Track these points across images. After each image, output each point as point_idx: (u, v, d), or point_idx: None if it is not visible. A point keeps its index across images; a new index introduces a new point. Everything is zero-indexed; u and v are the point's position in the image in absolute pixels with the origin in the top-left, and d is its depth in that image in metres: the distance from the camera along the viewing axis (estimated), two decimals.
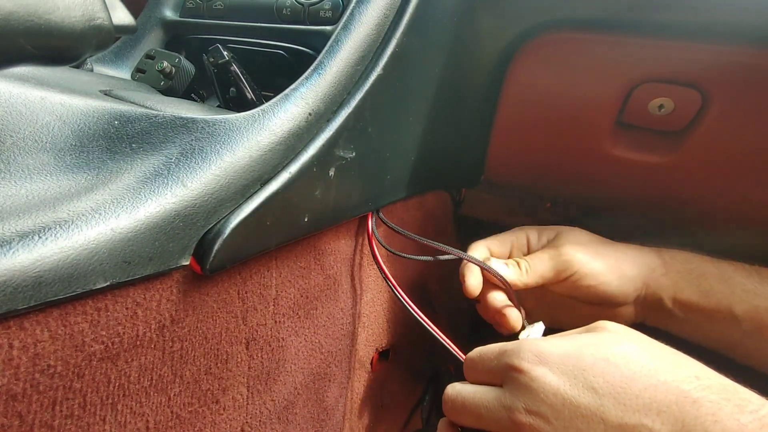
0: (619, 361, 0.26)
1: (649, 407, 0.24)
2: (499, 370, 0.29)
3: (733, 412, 0.23)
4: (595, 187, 0.46)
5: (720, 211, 0.41)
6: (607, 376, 0.25)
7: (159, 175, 0.24)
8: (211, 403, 0.30)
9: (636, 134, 0.41)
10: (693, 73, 0.35)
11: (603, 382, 0.25)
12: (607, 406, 0.24)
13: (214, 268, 0.26)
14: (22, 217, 0.20)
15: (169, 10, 0.48)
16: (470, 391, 0.30)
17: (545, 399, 0.26)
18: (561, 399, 0.25)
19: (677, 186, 0.41)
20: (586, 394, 0.25)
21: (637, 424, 0.24)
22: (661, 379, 0.25)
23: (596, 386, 0.25)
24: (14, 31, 0.18)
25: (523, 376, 0.27)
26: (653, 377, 0.25)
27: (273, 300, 0.33)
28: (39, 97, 0.28)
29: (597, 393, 0.25)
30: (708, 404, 0.23)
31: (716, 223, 0.42)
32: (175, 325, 0.26)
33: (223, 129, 0.27)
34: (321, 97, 0.31)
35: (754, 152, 0.36)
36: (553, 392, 0.26)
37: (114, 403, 0.24)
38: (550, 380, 0.26)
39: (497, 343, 0.31)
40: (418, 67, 0.38)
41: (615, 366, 0.26)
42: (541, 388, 0.26)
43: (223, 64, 0.37)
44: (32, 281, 0.19)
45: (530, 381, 0.27)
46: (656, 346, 0.28)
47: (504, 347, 0.30)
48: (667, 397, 0.24)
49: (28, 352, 0.20)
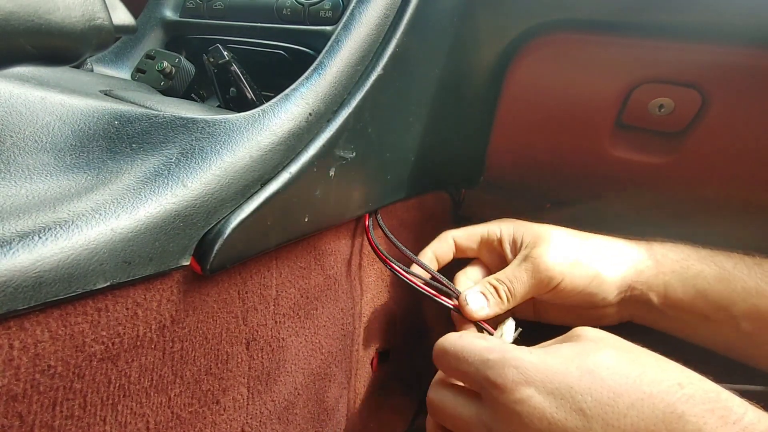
0: (603, 373, 0.25)
1: (637, 427, 0.24)
2: (478, 380, 0.28)
3: (717, 426, 0.23)
4: (594, 188, 0.46)
5: (720, 211, 0.41)
6: (594, 392, 0.25)
7: (159, 176, 0.24)
8: (212, 403, 0.30)
9: (636, 135, 0.41)
10: (693, 73, 0.35)
11: (591, 401, 0.25)
12: (596, 429, 0.24)
13: (214, 269, 0.26)
14: (22, 218, 0.20)
15: (169, 11, 0.48)
16: (451, 400, 0.30)
17: (530, 424, 0.25)
18: (548, 424, 0.25)
19: (677, 186, 0.41)
20: (574, 417, 0.25)
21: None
22: (646, 391, 0.24)
23: (584, 407, 0.25)
24: (14, 31, 0.18)
25: (506, 396, 0.26)
26: (638, 389, 0.25)
27: (273, 300, 0.33)
28: (39, 97, 0.28)
29: (585, 415, 0.24)
30: (693, 419, 0.23)
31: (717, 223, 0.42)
32: (176, 326, 0.26)
33: (224, 129, 0.27)
34: (321, 97, 0.31)
35: (754, 152, 0.36)
36: (539, 417, 0.25)
37: (114, 404, 0.24)
38: (536, 403, 0.25)
39: (473, 339, 0.30)
40: (419, 67, 0.38)
41: (600, 380, 0.25)
42: (527, 413, 0.25)
43: (224, 64, 0.37)
44: (32, 281, 0.19)
45: (514, 404, 0.26)
46: (637, 351, 0.27)
47: (484, 357, 0.28)
48: (654, 413, 0.24)
49: (28, 353, 0.20)
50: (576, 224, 0.41)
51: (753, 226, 0.40)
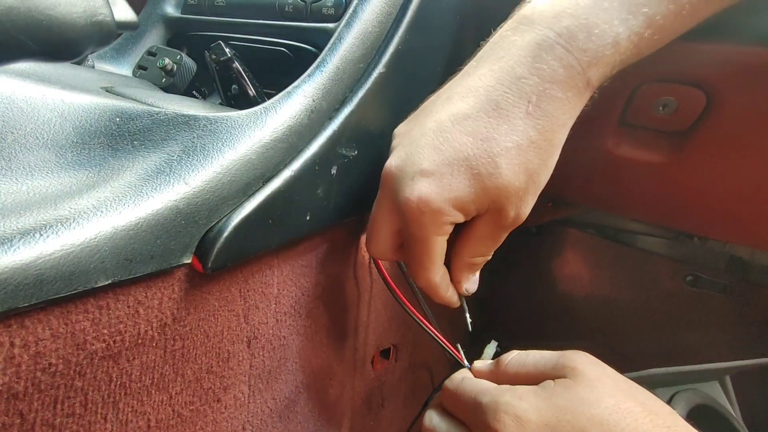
0: (595, 430, 0.25)
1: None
2: (474, 421, 0.28)
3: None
4: (597, 187, 0.46)
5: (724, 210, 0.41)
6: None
7: (161, 173, 0.24)
8: (213, 401, 0.30)
9: (639, 134, 0.41)
10: (697, 73, 0.35)
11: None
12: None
13: (215, 267, 0.26)
14: (24, 215, 0.20)
15: (171, 7, 0.47)
16: (444, 430, 0.30)
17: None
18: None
19: (681, 185, 0.41)
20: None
21: None
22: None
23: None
24: (15, 26, 0.18)
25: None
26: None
27: (275, 298, 0.33)
28: (40, 94, 0.28)
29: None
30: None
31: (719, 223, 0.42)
32: (177, 324, 0.26)
33: (225, 126, 0.27)
34: (323, 95, 0.31)
35: (759, 152, 0.36)
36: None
37: (115, 402, 0.24)
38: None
39: (471, 382, 0.30)
40: (421, 64, 0.37)
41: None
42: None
43: (225, 62, 0.37)
44: (34, 279, 0.19)
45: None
46: (629, 400, 0.27)
47: (479, 399, 0.28)
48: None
49: (29, 351, 0.20)
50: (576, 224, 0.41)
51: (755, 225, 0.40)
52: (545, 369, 0.29)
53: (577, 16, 0.26)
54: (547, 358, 0.29)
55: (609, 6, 0.26)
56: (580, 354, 0.29)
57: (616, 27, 0.26)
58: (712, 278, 0.58)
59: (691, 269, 0.59)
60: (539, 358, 0.30)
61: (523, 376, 0.30)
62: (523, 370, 0.30)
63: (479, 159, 0.27)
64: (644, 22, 0.26)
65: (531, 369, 0.30)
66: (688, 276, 0.59)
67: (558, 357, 0.29)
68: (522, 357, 0.31)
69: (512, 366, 0.31)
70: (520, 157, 0.27)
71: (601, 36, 0.26)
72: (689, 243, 0.57)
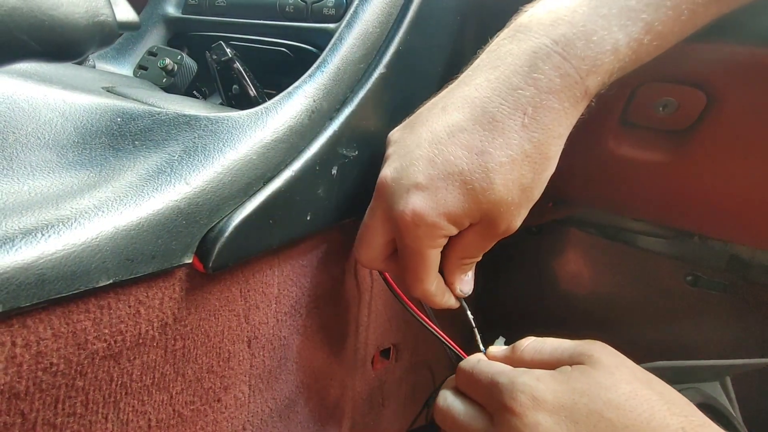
0: (611, 415, 0.25)
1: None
2: (490, 401, 0.29)
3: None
4: (598, 186, 0.46)
5: (724, 209, 0.41)
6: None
7: (162, 173, 0.24)
8: (213, 401, 0.30)
9: (640, 133, 0.41)
10: (697, 73, 0.35)
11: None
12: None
13: (216, 267, 0.26)
14: (25, 214, 0.20)
15: (172, 7, 0.47)
16: (460, 409, 0.30)
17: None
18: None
19: (682, 185, 0.41)
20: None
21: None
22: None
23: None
24: (18, 27, 0.18)
25: (516, 419, 0.26)
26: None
27: (275, 298, 0.33)
28: (41, 94, 0.28)
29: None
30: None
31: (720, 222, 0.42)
32: (178, 324, 0.26)
33: (226, 126, 0.27)
34: (324, 95, 0.31)
35: (759, 151, 0.36)
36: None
37: (116, 402, 0.24)
38: (545, 429, 0.26)
39: (488, 363, 0.30)
40: (422, 65, 0.37)
41: (608, 421, 0.25)
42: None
43: (226, 62, 0.37)
44: (35, 279, 0.19)
45: (523, 427, 0.26)
46: (646, 389, 0.27)
47: (496, 379, 0.28)
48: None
49: (30, 350, 0.20)
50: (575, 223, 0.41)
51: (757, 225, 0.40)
52: (562, 357, 0.29)
53: (575, 23, 0.26)
54: (565, 347, 0.29)
55: (607, 12, 0.26)
56: (598, 343, 0.29)
57: (615, 33, 0.26)
58: (712, 277, 0.58)
59: (691, 268, 0.59)
60: (557, 346, 0.30)
61: (539, 362, 0.30)
62: (539, 356, 0.30)
63: (473, 174, 0.27)
64: (643, 29, 0.26)
65: (547, 356, 0.30)
66: (689, 275, 0.59)
67: (576, 345, 0.29)
68: (538, 344, 0.31)
69: (528, 352, 0.31)
70: (514, 173, 0.27)
71: (599, 43, 0.26)
72: (690, 242, 0.57)
